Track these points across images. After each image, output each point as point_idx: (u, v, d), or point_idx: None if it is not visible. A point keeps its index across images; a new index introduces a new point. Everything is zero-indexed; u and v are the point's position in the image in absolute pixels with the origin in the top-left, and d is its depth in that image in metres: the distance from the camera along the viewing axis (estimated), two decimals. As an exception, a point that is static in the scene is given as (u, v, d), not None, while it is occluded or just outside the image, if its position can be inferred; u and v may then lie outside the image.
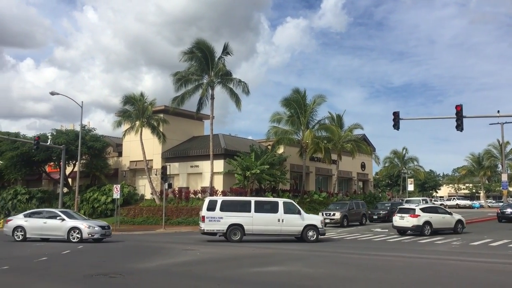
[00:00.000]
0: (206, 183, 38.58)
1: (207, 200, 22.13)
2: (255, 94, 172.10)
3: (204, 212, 21.40)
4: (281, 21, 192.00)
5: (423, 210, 25.23)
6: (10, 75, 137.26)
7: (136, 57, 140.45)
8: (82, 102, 34.84)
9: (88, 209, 39.84)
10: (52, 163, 44.12)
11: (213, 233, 21.65)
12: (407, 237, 24.40)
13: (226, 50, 38.45)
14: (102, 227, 22.10)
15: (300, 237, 21.74)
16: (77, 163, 38.95)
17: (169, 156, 42.57)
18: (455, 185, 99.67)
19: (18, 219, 22.53)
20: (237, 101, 39.24)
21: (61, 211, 23.15)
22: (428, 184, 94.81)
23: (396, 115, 25.28)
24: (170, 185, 36.74)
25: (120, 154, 46.25)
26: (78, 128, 40.66)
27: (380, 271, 12.94)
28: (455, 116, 23.93)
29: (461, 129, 23.79)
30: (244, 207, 21.76)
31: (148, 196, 42.12)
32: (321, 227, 21.98)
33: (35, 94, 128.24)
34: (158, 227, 32.20)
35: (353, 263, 14.61)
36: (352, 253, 17.34)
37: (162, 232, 29.85)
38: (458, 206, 68.73)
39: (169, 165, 39.82)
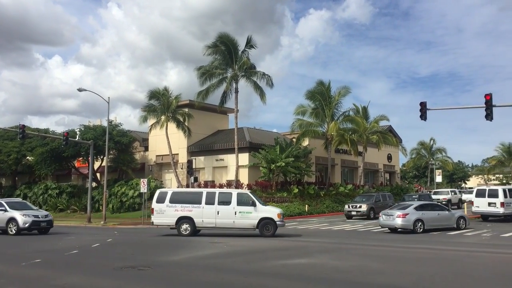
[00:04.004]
0: (231, 176, 38.74)
1: (501, 189, 28.19)
2: (279, 87, 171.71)
3: (502, 199, 27.48)
4: (304, 13, 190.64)
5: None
6: (39, 72, 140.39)
7: (161, 52, 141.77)
8: (109, 97, 35.25)
9: (117, 203, 40.49)
10: (80, 158, 44.94)
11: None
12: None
13: (249, 43, 38.37)
14: None
15: None
16: (104, 158, 39.55)
17: (194, 150, 42.87)
18: (485, 176, 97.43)
19: (414, 214, 22.31)
20: (262, 94, 39.19)
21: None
22: (456, 175, 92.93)
23: (423, 105, 24.80)
24: (196, 179, 37.04)
25: (146, 148, 46.81)
26: (105, 124, 41.25)
27: (409, 263, 12.79)
28: (484, 106, 23.31)
29: (491, 119, 23.18)
30: None
31: (174, 189, 42.50)
32: None
33: (63, 90, 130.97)
34: (184, 221, 32.43)
35: (380, 255, 14.46)
36: (380, 246, 17.19)
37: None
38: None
39: (195, 159, 40.15)
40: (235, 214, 20.77)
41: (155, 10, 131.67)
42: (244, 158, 39.12)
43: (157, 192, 22.44)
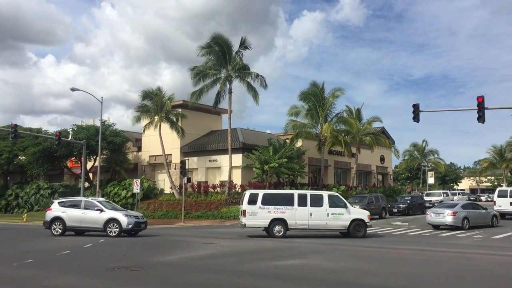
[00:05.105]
0: (224, 177, 38.71)
1: None
2: (273, 88, 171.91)
3: None
4: (298, 15, 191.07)
5: None
6: (32, 72, 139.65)
7: (155, 53, 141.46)
8: (102, 97, 35.23)
9: (109, 203, 40.30)
10: (73, 158, 44.74)
11: None
12: (428, 231, 24.16)
13: (244, 44, 38.39)
14: None
15: None
16: (97, 158, 39.42)
17: (187, 150, 42.79)
18: (477, 178, 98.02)
19: (463, 212, 24.45)
20: (255, 95, 39.22)
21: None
22: (448, 177, 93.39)
23: (416, 107, 24.89)
24: (189, 179, 36.97)
25: (139, 149, 46.66)
26: (98, 124, 41.13)
27: (402, 264, 12.84)
28: (476, 108, 23.45)
29: (483, 121, 23.33)
30: None
31: (167, 190, 42.44)
32: None
33: (56, 90, 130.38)
34: (177, 221, 32.47)
35: (373, 256, 14.52)
36: (373, 247, 17.23)
37: (181, 226, 30.09)
38: None
39: (188, 159, 40.06)
40: (328, 215, 20.73)
41: (149, 10, 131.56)
42: (238, 159, 39.11)
43: (247, 193, 21.76)
